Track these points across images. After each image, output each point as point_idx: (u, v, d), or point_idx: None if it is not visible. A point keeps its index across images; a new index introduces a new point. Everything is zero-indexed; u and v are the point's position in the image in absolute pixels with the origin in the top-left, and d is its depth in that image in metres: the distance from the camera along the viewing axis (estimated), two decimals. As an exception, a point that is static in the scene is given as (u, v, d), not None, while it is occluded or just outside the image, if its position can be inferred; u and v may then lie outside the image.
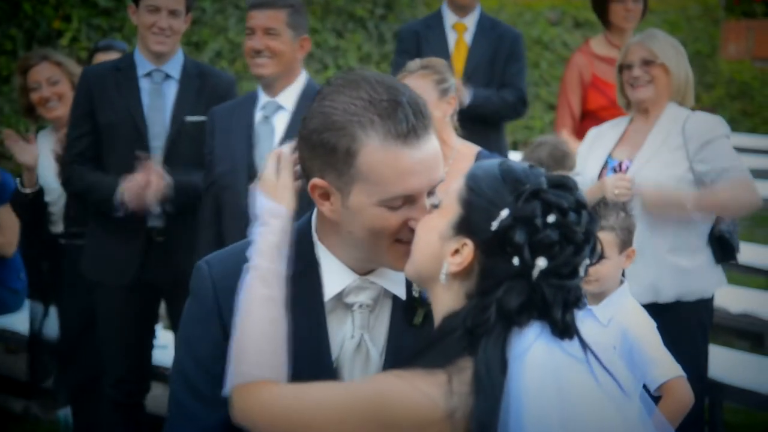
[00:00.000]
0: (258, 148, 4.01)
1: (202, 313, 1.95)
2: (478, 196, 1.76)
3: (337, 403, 1.72)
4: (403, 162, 1.80)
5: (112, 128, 4.26)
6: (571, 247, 1.73)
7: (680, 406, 3.11)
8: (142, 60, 4.35)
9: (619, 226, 3.33)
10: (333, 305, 1.92)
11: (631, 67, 4.15)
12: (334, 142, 1.81)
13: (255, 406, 1.78)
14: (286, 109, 4.01)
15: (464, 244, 1.76)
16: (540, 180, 1.76)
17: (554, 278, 1.72)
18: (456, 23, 5.71)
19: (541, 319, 1.73)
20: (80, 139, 4.32)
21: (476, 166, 1.83)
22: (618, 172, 4.07)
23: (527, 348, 1.69)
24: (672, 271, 4.04)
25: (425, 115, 1.83)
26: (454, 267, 1.76)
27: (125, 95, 4.29)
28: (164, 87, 4.35)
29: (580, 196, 1.77)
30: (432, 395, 1.66)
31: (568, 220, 1.73)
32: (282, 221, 1.89)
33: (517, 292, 1.71)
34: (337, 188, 1.84)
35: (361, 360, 1.91)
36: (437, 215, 1.82)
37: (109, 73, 4.36)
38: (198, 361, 1.94)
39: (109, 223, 4.32)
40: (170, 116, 4.31)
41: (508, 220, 1.72)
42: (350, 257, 1.91)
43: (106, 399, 4.41)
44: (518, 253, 1.71)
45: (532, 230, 1.71)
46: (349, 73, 1.87)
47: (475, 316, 1.72)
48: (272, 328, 1.82)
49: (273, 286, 1.85)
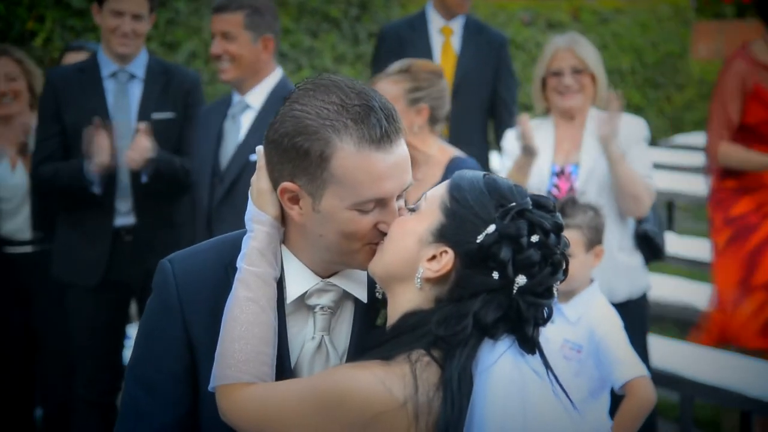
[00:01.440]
0: (223, 147, 4.06)
1: (163, 310, 1.96)
2: (462, 207, 1.81)
3: (297, 397, 1.77)
4: (377, 166, 1.83)
5: (78, 129, 4.26)
6: (550, 267, 1.80)
7: (643, 405, 3.16)
8: (106, 60, 4.38)
9: (586, 224, 3.38)
10: (295, 307, 1.95)
11: (561, 75, 4.17)
12: (307, 147, 1.82)
13: (232, 407, 1.83)
14: (253, 108, 4.06)
15: (444, 251, 1.80)
16: (525, 199, 1.82)
17: (530, 296, 1.78)
18: (443, 27, 5.52)
19: (511, 333, 1.79)
20: (48, 141, 4.34)
21: (459, 176, 1.87)
22: (561, 177, 4.14)
23: (494, 360, 1.74)
24: (623, 270, 4.15)
25: (396, 119, 1.86)
26: (431, 273, 1.80)
27: (90, 96, 4.32)
28: (129, 87, 4.39)
29: (558, 218, 1.84)
30: (386, 383, 1.71)
31: (550, 241, 1.80)
32: (264, 226, 1.92)
33: (495, 306, 1.77)
34: (308, 192, 1.86)
35: (321, 361, 1.94)
36: (416, 219, 1.86)
37: (73, 74, 4.39)
38: (156, 358, 1.95)
39: (77, 224, 4.35)
40: (136, 115, 4.34)
41: (493, 236, 1.78)
42: (315, 260, 1.93)
43: (78, 398, 4.43)
44: (501, 269, 1.77)
45: (516, 248, 1.78)
46: (318, 78, 1.88)
47: (449, 324, 1.76)
48: (253, 328, 1.85)
49: (254, 288, 1.87)
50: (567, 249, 1.84)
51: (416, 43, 5.43)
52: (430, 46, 5.48)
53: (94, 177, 4.23)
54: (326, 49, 9.78)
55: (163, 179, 4.28)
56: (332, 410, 1.72)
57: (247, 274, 1.89)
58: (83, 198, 4.28)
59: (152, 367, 1.95)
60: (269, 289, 1.89)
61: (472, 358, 1.74)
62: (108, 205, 4.33)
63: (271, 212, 1.92)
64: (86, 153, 4.20)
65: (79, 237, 4.36)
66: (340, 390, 1.72)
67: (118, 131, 4.29)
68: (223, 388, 1.85)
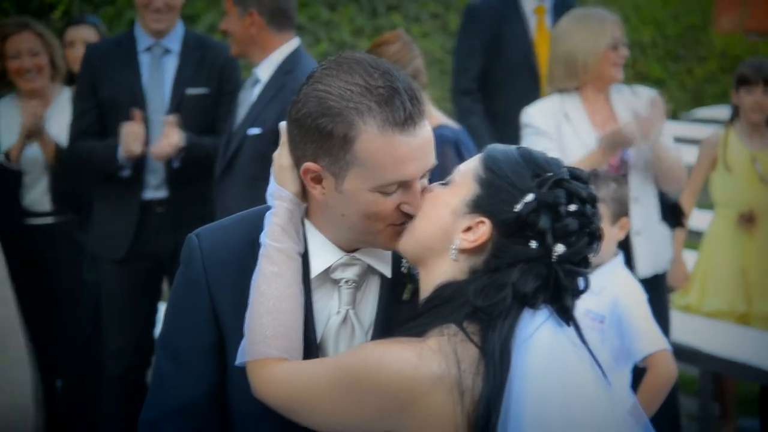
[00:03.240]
0: (236, 119, 4.10)
1: (190, 284, 1.97)
2: (498, 177, 1.81)
3: (326, 376, 1.77)
4: (401, 149, 1.82)
5: (113, 103, 4.31)
6: (587, 237, 1.80)
7: (664, 379, 3.17)
8: (141, 34, 4.39)
9: (609, 197, 3.38)
10: (320, 281, 1.95)
11: (618, 47, 4.13)
12: (330, 128, 1.82)
13: (263, 383, 1.84)
14: (261, 81, 4.06)
15: (480, 222, 1.80)
16: (562, 169, 1.82)
17: (569, 265, 1.78)
18: (537, 7, 5.34)
19: (549, 303, 1.78)
20: (84, 115, 4.37)
21: (492, 149, 1.88)
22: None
23: (533, 331, 1.74)
24: (663, 242, 4.15)
25: (420, 101, 1.85)
26: (467, 243, 1.80)
27: (125, 70, 4.34)
28: (164, 61, 4.39)
29: (593, 189, 1.83)
30: (421, 358, 1.70)
31: (587, 210, 1.80)
32: (284, 202, 1.91)
33: (534, 275, 1.76)
34: (331, 173, 1.85)
35: (347, 335, 1.94)
36: (448, 192, 1.85)
37: (110, 48, 4.42)
38: (184, 332, 1.97)
39: (106, 197, 4.38)
40: (170, 89, 4.34)
41: (532, 204, 1.77)
42: (338, 236, 1.93)
43: (106, 372, 4.44)
44: (540, 237, 1.77)
45: (555, 217, 1.77)
46: (341, 57, 1.87)
47: (488, 295, 1.76)
48: (281, 303, 1.86)
49: (278, 263, 1.88)
50: (600, 221, 1.84)
51: (513, 23, 5.31)
52: (525, 28, 5.34)
53: (126, 162, 4.26)
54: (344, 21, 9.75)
55: (194, 163, 4.29)
56: (363, 388, 1.72)
57: (271, 250, 1.89)
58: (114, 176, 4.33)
59: (180, 340, 1.97)
60: (294, 264, 1.90)
61: (513, 329, 1.74)
62: (137, 180, 4.35)
63: (291, 189, 1.92)
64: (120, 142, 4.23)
65: (108, 210, 4.39)
66: (370, 366, 1.72)
67: (151, 106, 4.30)
68: (253, 363, 1.86)
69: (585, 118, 4.12)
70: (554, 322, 1.77)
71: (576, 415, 1.70)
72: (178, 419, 1.94)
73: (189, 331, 1.96)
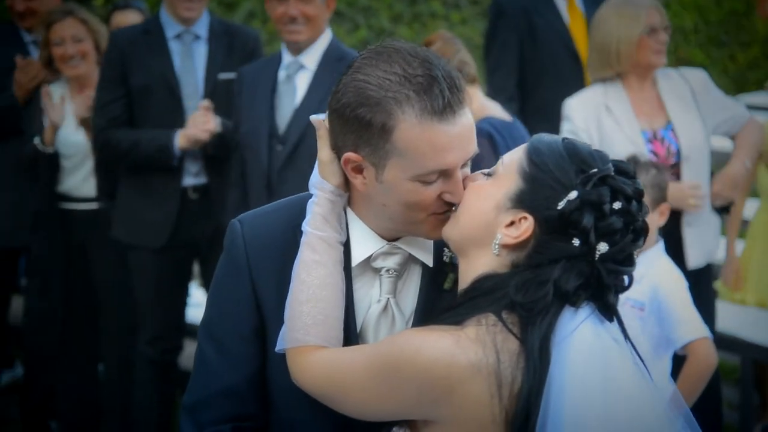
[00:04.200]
0: (279, 108, 4.06)
1: (232, 270, 1.99)
2: (542, 173, 1.79)
3: (364, 363, 1.78)
4: (440, 138, 1.81)
5: (146, 91, 4.31)
6: (631, 234, 1.77)
7: (705, 367, 3.15)
8: (169, 21, 4.39)
9: (649, 183, 3.36)
10: (361, 270, 1.95)
11: (658, 32, 4.04)
12: (369, 118, 1.81)
13: (301, 370, 1.85)
14: (307, 68, 4.05)
15: (523, 217, 1.78)
16: (607, 165, 1.79)
17: (612, 263, 1.76)
18: None
19: (591, 301, 1.77)
20: (113, 104, 4.35)
21: (538, 139, 1.85)
22: (654, 142, 4.05)
23: (575, 328, 1.73)
24: (713, 232, 4.13)
25: (460, 88, 1.84)
26: (510, 239, 1.78)
27: (156, 58, 4.34)
28: (194, 47, 4.40)
29: (639, 184, 1.81)
30: (458, 347, 1.70)
31: (632, 208, 1.77)
32: (326, 193, 1.92)
33: (576, 273, 1.75)
34: (371, 163, 1.85)
35: (387, 324, 1.94)
36: (492, 184, 1.83)
37: (139, 36, 4.40)
38: (226, 318, 1.98)
39: (142, 186, 4.38)
40: (203, 75, 4.37)
41: (575, 203, 1.75)
42: (380, 225, 1.93)
43: (140, 356, 4.48)
44: (583, 235, 1.74)
45: (599, 215, 1.75)
46: (381, 46, 1.86)
47: (528, 290, 1.75)
48: (321, 291, 1.87)
49: (320, 251, 1.89)
50: (647, 215, 1.82)
51: (543, 12, 5.22)
52: (558, 12, 5.24)
53: (180, 153, 4.27)
54: (383, 8, 9.74)
55: (228, 148, 4.31)
56: (400, 376, 1.72)
57: (313, 238, 1.90)
58: (159, 166, 4.33)
59: (221, 326, 1.98)
60: (335, 252, 1.90)
61: (553, 326, 1.73)
62: (178, 168, 4.36)
63: (333, 181, 1.92)
64: (187, 132, 4.23)
65: (145, 199, 4.39)
66: (408, 354, 1.72)
67: (185, 92, 4.32)
68: (292, 351, 1.87)
69: (628, 108, 4.04)
70: (596, 318, 1.76)
71: (616, 414, 1.69)
72: (219, 403, 1.96)
73: (231, 317, 1.97)
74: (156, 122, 4.32)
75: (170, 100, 4.32)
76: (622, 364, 1.74)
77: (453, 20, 9.75)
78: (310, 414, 1.92)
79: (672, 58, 9.73)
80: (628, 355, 1.77)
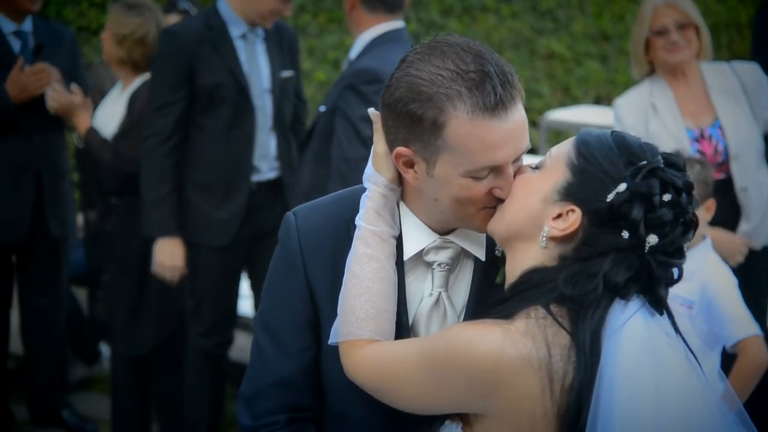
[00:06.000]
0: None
1: (287, 263, 2.01)
2: (591, 165, 1.78)
3: (415, 357, 1.79)
4: (491, 135, 1.81)
5: (216, 91, 4.22)
6: (681, 227, 1.76)
7: (757, 365, 3.12)
8: (234, 19, 4.29)
9: (695, 179, 3.32)
10: (414, 264, 1.96)
11: (667, 32, 3.99)
12: (421, 113, 1.82)
13: (354, 364, 1.87)
14: (350, 59, 4.11)
15: (571, 210, 1.77)
16: (656, 157, 1.78)
17: (662, 256, 1.75)
18: None
19: (642, 294, 1.76)
20: (174, 106, 4.21)
21: (586, 132, 1.84)
22: (701, 141, 4.02)
23: (625, 321, 1.72)
24: None
25: (513, 84, 1.83)
26: (557, 232, 1.78)
27: (225, 57, 4.25)
28: (256, 45, 4.36)
29: (689, 177, 1.79)
30: (507, 340, 1.70)
31: (682, 200, 1.76)
32: (379, 188, 1.93)
33: (626, 265, 1.74)
34: (423, 158, 1.86)
35: (438, 318, 1.95)
36: (540, 177, 1.83)
37: (202, 33, 4.25)
38: (281, 310, 2.00)
39: (208, 186, 4.32)
40: (267, 73, 4.35)
41: (624, 195, 1.74)
42: (432, 219, 1.94)
43: (193, 349, 4.49)
44: (632, 228, 1.74)
45: (648, 207, 1.74)
46: (434, 41, 1.87)
47: (578, 283, 1.74)
48: (374, 285, 1.88)
49: (372, 245, 1.90)
50: (696, 208, 1.81)
51: None
52: None
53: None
54: (433, 1, 9.71)
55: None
56: (450, 370, 1.73)
57: (366, 232, 1.91)
58: None
59: (276, 317, 2.00)
60: (388, 247, 1.91)
61: (604, 319, 1.72)
62: (249, 167, 4.34)
63: (387, 175, 1.93)
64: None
65: (210, 198, 4.32)
66: (457, 349, 1.72)
67: (253, 91, 4.28)
68: (345, 344, 1.89)
69: (674, 107, 4.02)
70: (647, 311, 1.75)
71: (668, 408, 1.68)
72: (274, 394, 1.98)
73: (285, 309, 1.99)
74: (226, 122, 4.26)
75: (239, 99, 4.25)
76: (673, 358, 1.73)
77: (503, 13, 9.70)
78: (361, 408, 1.94)
79: (726, 53, 9.61)
80: (680, 348, 1.76)
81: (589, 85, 9.51)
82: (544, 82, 9.24)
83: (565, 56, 9.60)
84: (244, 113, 4.29)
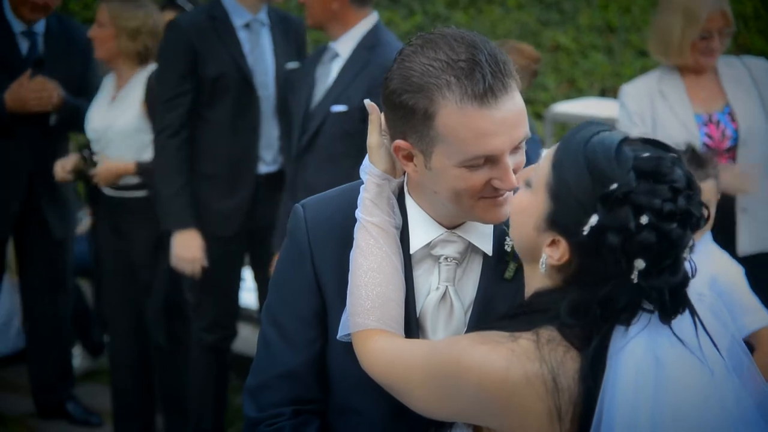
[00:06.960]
0: (315, 95, 4.05)
1: (295, 254, 2.00)
2: (565, 191, 1.71)
3: (423, 361, 1.77)
4: (481, 123, 1.79)
5: (220, 81, 4.21)
6: (668, 242, 1.67)
7: (772, 354, 3.09)
8: (237, 9, 4.29)
9: (714, 174, 3.32)
10: (422, 257, 1.95)
11: (711, 38, 3.98)
12: (413, 104, 1.81)
13: (366, 355, 1.86)
14: (341, 56, 4.03)
15: (558, 240, 1.73)
16: (627, 176, 1.67)
17: (655, 275, 1.68)
18: None
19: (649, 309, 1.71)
20: (181, 98, 4.21)
21: (564, 147, 1.75)
22: (709, 125, 4.00)
23: (624, 345, 1.68)
24: None
25: (506, 73, 1.80)
26: (553, 261, 1.74)
27: (228, 47, 4.23)
28: (260, 35, 4.35)
29: (677, 177, 1.68)
30: (506, 362, 1.68)
31: (663, 218, 1.66)
32: (374, 178, 1.92)
33: (624, 292, 1.68)
34: (420, 150, 1.85)
35: (445, 312, 1.94)
36: (530, 200, 1.77)
37: (206, 23, 4.25)
38: (288, 302, 1.99)
39: (215, 176, 4.31)
40: (272, 64, 4.33)
41: (598, 227, 1.67)
42: (438, 212, 1.93)
43: (196, 342, 4.49)
44: (614, 257, 1.67)
45: (626, 235, 1.66)
46: (429, 33, 1.86)
47: (578, 314, 1.70)
48: (377, 274, 1.87)
49: (374, 235, 1.89)
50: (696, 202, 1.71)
51: None
52: None
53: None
54: (439, -7, 9.69)
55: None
56: (458, 384, 1.72)
57: (365, 223, 1.91)
58: None
59: (284, 309, 2.00)
60: (388, 236, 1.90)
61: (608, 341, 1.69)
62: (255, 157, 4.33)
63: (380, 166, 1.93)
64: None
65: (217, 189, 4.32)
66: (464, 366, 1.70)
67: (257, 82, 4.27)
68: (357, 336, 1.88)
69: (683, 94, 4.02)
70: (652, 328, 1.69)
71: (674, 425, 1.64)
72: (280, 385, 1.98)
73: (293, 300, 1.98)
74: (231, 113, 4.24)
75: (243, 89, 4.24)
76: (684, 372, 1.67)
77: (509, 5, 9.68)
78: (367, 401, 1.94)
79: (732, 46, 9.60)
80: (692, 359, 1.69)
81: (594, 78, 9.48)
82: (550, 74, 9.21)
83: (570, 48, 9.58)
84: (249, 103, 4.27)
